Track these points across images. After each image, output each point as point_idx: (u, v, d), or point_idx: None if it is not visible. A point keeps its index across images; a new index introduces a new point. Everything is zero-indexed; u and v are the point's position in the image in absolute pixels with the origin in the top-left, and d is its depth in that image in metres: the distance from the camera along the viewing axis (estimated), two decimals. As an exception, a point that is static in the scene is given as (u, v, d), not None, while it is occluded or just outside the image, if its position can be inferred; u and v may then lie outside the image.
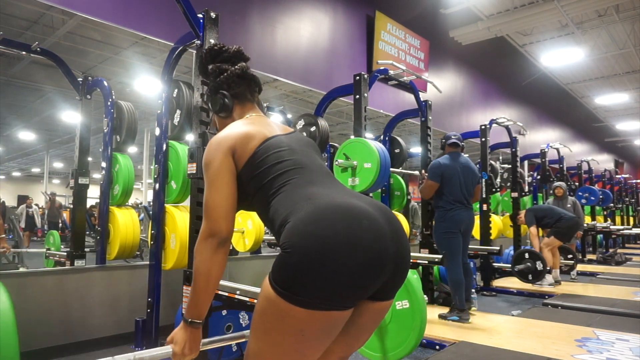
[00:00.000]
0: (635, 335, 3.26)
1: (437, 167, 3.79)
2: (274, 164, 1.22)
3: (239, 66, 1.41)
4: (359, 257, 1.02)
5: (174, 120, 3.14)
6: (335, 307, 1.04)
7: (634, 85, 13.44)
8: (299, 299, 1.01)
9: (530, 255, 5.06)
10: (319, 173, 1.24)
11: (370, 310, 1.16)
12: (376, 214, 1.10)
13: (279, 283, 1.04)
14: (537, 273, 4.99)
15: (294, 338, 1.04)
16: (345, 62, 6.61)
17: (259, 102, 1.49)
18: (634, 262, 8.32)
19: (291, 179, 1.19)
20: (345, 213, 1.06)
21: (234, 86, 1.40)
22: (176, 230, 2.99)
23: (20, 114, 11.95)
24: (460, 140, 3.95)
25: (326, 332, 1.07)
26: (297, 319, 1.02)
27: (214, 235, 1.17)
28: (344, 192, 1.17)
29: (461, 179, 3.77)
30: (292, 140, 1.31)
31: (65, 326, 3.00)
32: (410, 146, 9.80)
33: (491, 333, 3.34)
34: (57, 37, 6.67)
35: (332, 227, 1.03)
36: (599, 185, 10.28)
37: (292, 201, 1.13)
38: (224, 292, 2.26)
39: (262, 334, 1.09)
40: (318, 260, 1.00)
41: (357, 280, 1.03)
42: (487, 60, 10.26)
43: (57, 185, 25.14)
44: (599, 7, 8.57)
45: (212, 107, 1.44)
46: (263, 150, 1.24)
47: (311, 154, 1.31)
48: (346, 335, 1.19)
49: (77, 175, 3.87)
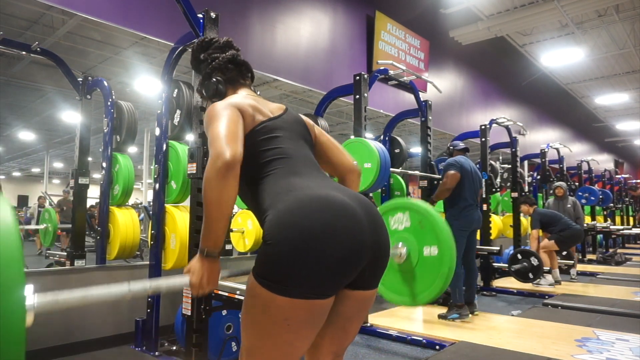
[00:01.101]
0: (635, 335, 3.26)
1: (455, 161, 3.87)
2: (266, 149, 1.25)
3: (229, 52, 1.45)
4: (337, 247, 1.06)
5: (174, 120, 3.14)
6: (316, 295, 1.08)
7: (634, 85, 13.44)
8: (280, 288, 1.05)
9: (522, 254, 5.06)
10: (304, 164, 1.27)
11: (352, 299, 1.20)
12: (355, 205, 1.14)
13: (261, 274, 1.08)
14: (535, 269, 4.95)
15: (280, 328, 1.08)
16: (345, 62, 6.61)
17: (250, 87, 1.52)
18: (634, 262, 8.32)
19: (276, 169, 1.22)
20: (324, 205, 1.10)
21: (226, 72, 1.44)
22: (176, 230, 2.99)
23: (20, 114, 11.94)
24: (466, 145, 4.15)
25: (311, 321, 1.10)
26: (280, 308, 1.06)
27: (221, 159, 1.11)
28: (324, 184, 1.20)
29: (473, 180, 3.87)
30: (285, 124, 1.34)
31: (65, 326, 2.99)
32: (410, 146, 9.80)
33: (491, 333, 3.34)
34: (57, 37, 6.66)
35: (311, 218, 1.07)
36: (599, 185, 10.28)
37: (274, 192, 1.17)
38: (224, 292, 2.27)
39: (250, 328, 1.13)
40: (298, 250, 1.04)
41: (335, 269, 1.07)
42: (487, 60, 10.26)
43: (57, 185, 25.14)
44: (599, 7, 8.56)
45: (205, 93, 1.46)
46: (267, 128, 1.28)
47: (299, 142, 1.34)
48: (333, 327, 1.22)
49: (77, 175, 3.87)
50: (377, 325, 3.49)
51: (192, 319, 2.41)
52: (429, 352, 2.99)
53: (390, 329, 3.39)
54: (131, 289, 1.17)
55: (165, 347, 3.03)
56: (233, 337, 2.77)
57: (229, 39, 1.50)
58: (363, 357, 2.94)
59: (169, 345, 3.05)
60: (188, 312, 2.44)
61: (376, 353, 3.02)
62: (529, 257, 4.99)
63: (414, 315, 4.01)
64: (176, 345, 3.01)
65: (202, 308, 2.42)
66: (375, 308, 4.07)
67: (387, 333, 3.34)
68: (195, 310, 2.41)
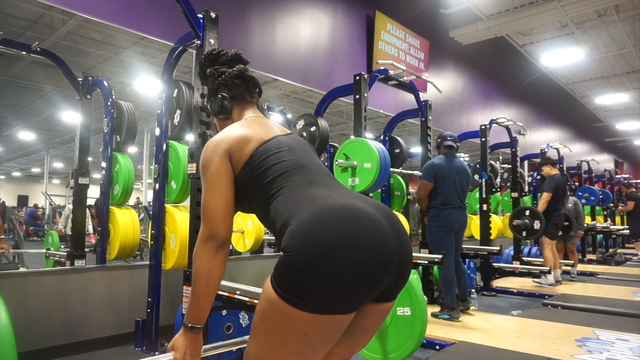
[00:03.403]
0: (635, 335, 3.26)
1: (431, 167, 3.85)
2: (273, 164, 1.21)
3: (236, 68, 1.41)
4: (363, 260, 1.01)
5: (174, 120, 3.14)
6: (340, 310, 1.02)
7: (634, 85, 13.43)
8: (303, 303, 0.99)
9: (531, 213, 5.10)
10: (319, 173, 1.23)
11: (373, 312, 1.16)
12: (378, 215, 1.09)
13: (282, 286, 1.02)
14: (531, 231, 5.07)
15: (297, 341, 1.03)
16: (345, 62, 6.61)
17: (258, 103, 1.48)
18: (633, 262, 8.32)
19: (291, 179, 1.18)
20: (347, 215, 1.05)
21: (232, 88, 1.40)
22: (176, 230, 2.99)
23: (20, 114, 11.95)
24: (455, 142, 4.00)
25: (330, 335, 1.06)
26: (300, 323, 1.01)
27: (213, 237, 1.16)
28: (345, 193, 1.16)
29: (455, 180, 3.81)
30: (291, 140, 1.30)
31: (65, 326, 2.99)
32: (410, 146, 9.79)
33: (491, 333, 3.34)
34: (57, 37, 6.66)
35: (335, 229, 1.02)
36: (599, 185, 10.27)
37: (294, 202, 1.12)
38: (224, 292, 2.26)
39: (263, 337, 1.08)
40: (321, 263, 0.98)
41: (361, 283, 1.02)
42: (487, 60, 10.25)
43: (57, 186, 25.15)
44: (599, 7, 8.56)
45: (211, 109, 1.43)
46: (260, 152, 1.23)
47: (310, 154, 1.30)
48: (349, 337, 1.18)
49: (77, 175, 3.87)
50: (377, 325, 3.49)
51: (192, 319, 2.41)
52: (429, 352, 2.99)
53: (390, 329, 3.39)
54: None
55: (166, 347, 3.02)
56: (233, 337, 2.77)
57: (238, 52, 1.45)
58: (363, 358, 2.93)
59: (169, 345, 3.05)
60: (188, 312, 2.44)
61: (376, 353, 3.02)
62: (534, 219, 5.05)
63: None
64: (176, 345, 3.01)
65: (202, 308, 2.41)
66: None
67: (387, 333, 3.34)
68: (195, 310, 2.40)
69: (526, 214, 5.15)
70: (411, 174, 5.25)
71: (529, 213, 5.15)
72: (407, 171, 5.17)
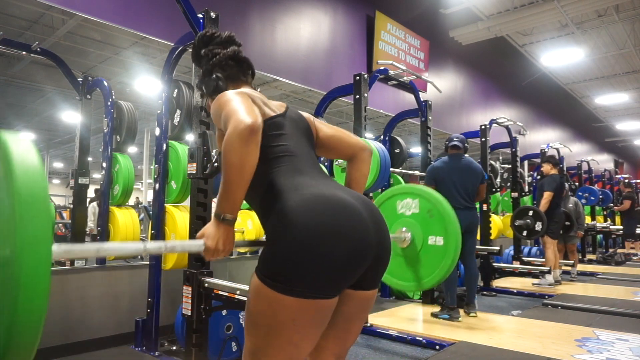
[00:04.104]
0: (635, 335, 3.26)
1: (430, 171, 3.90)
2: (274, 145, 1.24)
3: (230, 49, 1.43)
4: (344, 247, 1.06)
5: (174, 120, 3.14)
6: (322, 295, 1.07)
7: (634, 85, 13.43)
8: (287, 288, 1.04)
9: (534, 213, 5.11)
10: (307, 162, 1.27)
11: (354, 299, 1.20)
12: (359, 205, 1.14)
13: (267, 274, 1.07)
14: (532, 232, 5.07)
15: (287, 328, 1.07)
16: (345, 62, 6.61)
17: (252, 85, 1.50)
18: (634, 262, 8.32)
19: (281, 166, 1.21)
20: (330, 204, 1.10)
21: (227, 68, 1.42)
22: (176, 230, 2.99)
23: (20, 114, 11.93)
24: (462, 142, 3.98)
25: (317, 321, 1.10)
26: (288, 308, 1.05)
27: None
28: (329, 184, 1.20)
29: (455, 180, 3.79)
30: (288, 122, 1.33)
31: (65, 326, 2.99)
32: (410, 146, 9.80)
33: (491, 333, 3.34)
34: (57, 37, 6.66)
35: (318, 218, 1.07)
36: (599, 185, 10.27)
37: (279, 190, 1.16)
38: (224, 292, 2.27)
39: (255, 330, 1.12)
40: (305, 249, 1.04)
41: (341, 269, 1.08)
42: (487, 60, 10.25)
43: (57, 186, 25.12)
44: (599, 7, 8.56)
45: (205, 90, 1.44)
46: (276, 124, 1.27)
47: (302, 140, 1.33)
48: (335, 328, 1.22)
49: (77, 175, 3.87)
50: (377, 325, 3.49)
51: (192, 319, 2.41)
52: (429, 352, 2.99)
53: (391, 329, 3.39)
54: (147, 248, 1.18)
55: (165, 347, 3.03)
56: (233, 337, 2.77)
57: (231, 34, 1.47)
58: (363, 357, 2.94)
59: (169, 345, 3.05)
60: (188, 312, 2.44)
61: (376, 353, 3.02)
62: (536, 220, 5.06)
63: (414, 316, 4.01)
64: (176, 345, 3.01)
65: (202, 308, 2.42)
66: (375, 308, 4.07)
67: (387, 333, 3.34)
68: (195, 310, 2.41)
69: (529, 214, 5.15)
70: (411, 174, 5.25)
71: (532, 213, 5.14)
72: (407, 171, 5.17)
